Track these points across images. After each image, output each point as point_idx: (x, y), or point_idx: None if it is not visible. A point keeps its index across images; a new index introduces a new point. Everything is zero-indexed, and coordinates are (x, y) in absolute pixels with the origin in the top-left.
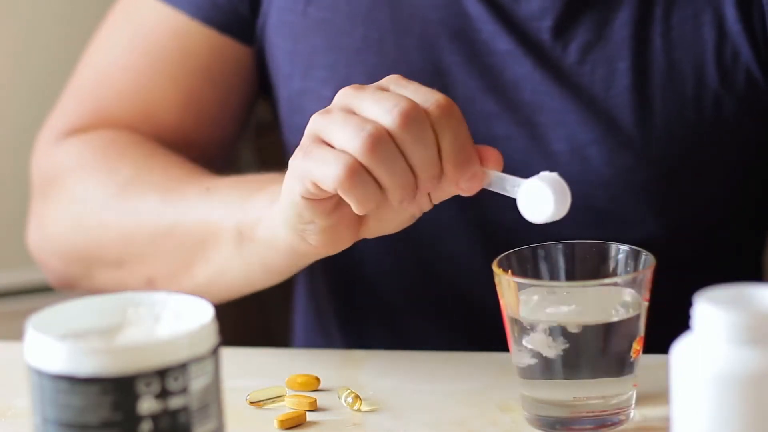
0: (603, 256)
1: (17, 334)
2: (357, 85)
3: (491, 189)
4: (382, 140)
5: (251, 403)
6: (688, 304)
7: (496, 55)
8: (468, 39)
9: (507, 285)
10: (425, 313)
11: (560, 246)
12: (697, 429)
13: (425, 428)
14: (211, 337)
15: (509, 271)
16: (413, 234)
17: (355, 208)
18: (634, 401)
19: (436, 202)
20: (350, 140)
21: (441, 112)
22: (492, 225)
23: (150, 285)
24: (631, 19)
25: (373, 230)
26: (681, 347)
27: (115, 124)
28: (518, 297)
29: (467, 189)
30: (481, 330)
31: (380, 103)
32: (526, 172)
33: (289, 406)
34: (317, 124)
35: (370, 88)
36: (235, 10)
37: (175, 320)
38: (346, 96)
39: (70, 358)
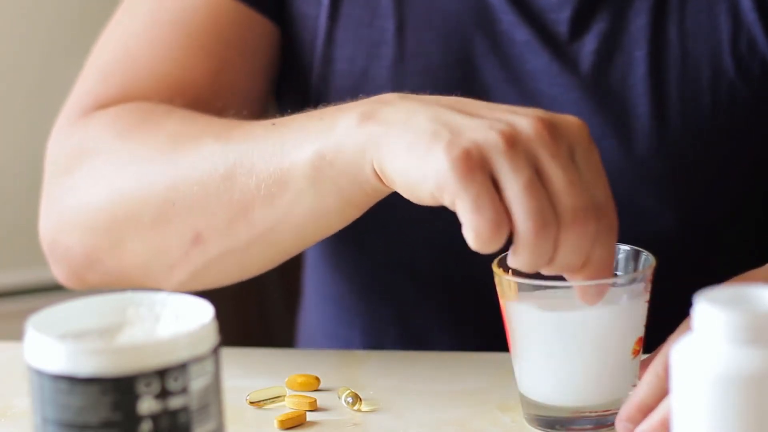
0: None
1: (17, 334)
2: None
3: None
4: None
5: (251, 403)
6: (689, 304)
7: (516, 45)
8: (489, 29)
9: (507, 285)
10: (438, 309)
11: None
12: (698, 429)
13: (425, 428)
14: (211, 337)
15: (509, 271)
16: (429, 228)
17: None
18: None
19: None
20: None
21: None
22: None
23: (197, 241)
24: (648, 8)
25: None
26: (681, 347)
27: (146, 99)
28: (518, 297)
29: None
30: (493, 326)
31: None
32: None
33: (289, 406)
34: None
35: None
36: None
37: (175, 320)
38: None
39: (70, 358)
